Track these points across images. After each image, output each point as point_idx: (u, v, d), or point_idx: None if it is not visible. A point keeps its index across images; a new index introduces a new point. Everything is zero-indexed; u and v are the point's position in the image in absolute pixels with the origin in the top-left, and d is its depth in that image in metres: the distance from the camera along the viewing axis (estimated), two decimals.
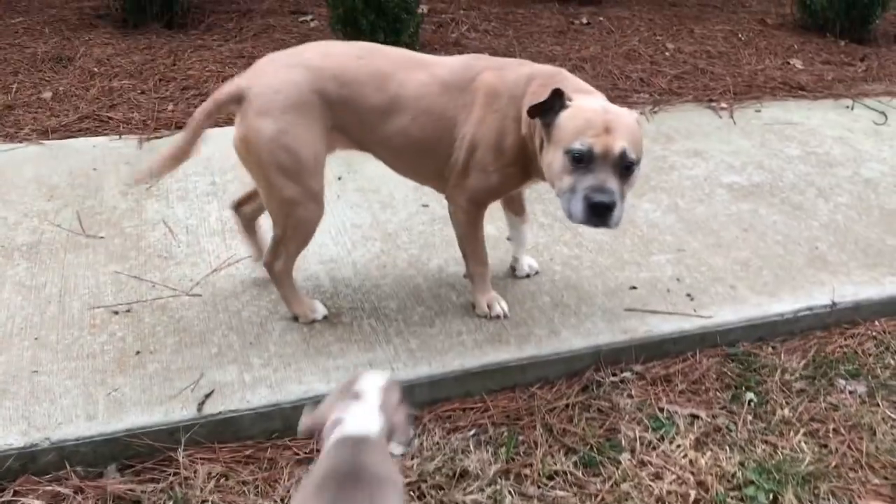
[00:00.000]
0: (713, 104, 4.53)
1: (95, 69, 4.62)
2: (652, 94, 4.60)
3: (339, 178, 3.50)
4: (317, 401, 2.26)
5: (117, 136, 3.84)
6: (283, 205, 2.40)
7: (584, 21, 5.76)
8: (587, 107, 2.24)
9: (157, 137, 3.85)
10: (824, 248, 3.14)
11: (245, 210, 2.75)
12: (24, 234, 3.00)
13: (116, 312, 2.59)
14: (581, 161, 2.16)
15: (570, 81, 2.41)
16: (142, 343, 2.46)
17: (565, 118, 2.21)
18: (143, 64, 4.70)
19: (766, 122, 4.36)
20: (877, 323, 2.84)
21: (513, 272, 2.89)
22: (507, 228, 2.94)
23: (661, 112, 4.42)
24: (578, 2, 6.21)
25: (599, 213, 2.15)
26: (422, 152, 2.47)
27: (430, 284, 2.80)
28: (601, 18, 5.81)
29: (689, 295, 2.81)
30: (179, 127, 3.97)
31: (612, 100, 4.36)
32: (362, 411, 1.65)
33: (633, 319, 2.66)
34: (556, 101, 2.22)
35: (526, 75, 2.41)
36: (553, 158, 2.23)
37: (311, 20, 5.58)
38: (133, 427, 2.16)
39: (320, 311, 2.60)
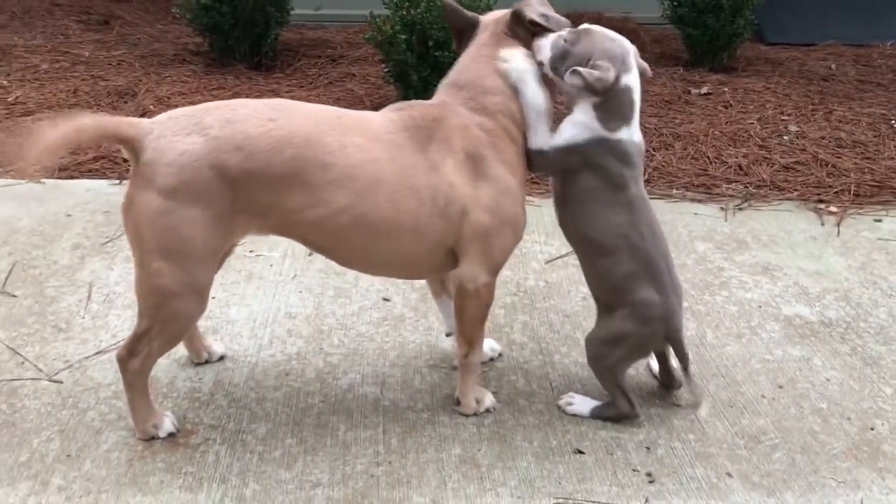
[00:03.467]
0: (821, 206, 3.64)
1: (152, 107, 4.49)
2: (746, 187, 3.78)
3: (309, 255, 3.03)
4: None
5: (118, 181, 3.61)
6: (156, 293, 1.98)
7: (704, 91, 4.96)
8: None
9: None
10: (884, 430, 2.27)
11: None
12: None
13: None
14: None
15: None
16: None
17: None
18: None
19: (882, 236, 3.42)
20: None
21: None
22: (444, 320, 2.50)
23: (747, 210, 3.59)
24: (709, 68, 5.41)
25: None
26: (379, 233, 2.03)
27: (322, 408, 2.27)
28: (725, 89, 4.98)
29: (649, 475, 2.07)
30: None
31: (694, 189, 3.66)
32: None
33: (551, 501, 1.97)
34: None
35: (458, 99, 2.13)
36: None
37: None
38: None
39: (166, 428, 2.14)
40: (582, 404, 2.26)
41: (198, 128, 1.93)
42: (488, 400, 2.28)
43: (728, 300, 2.88)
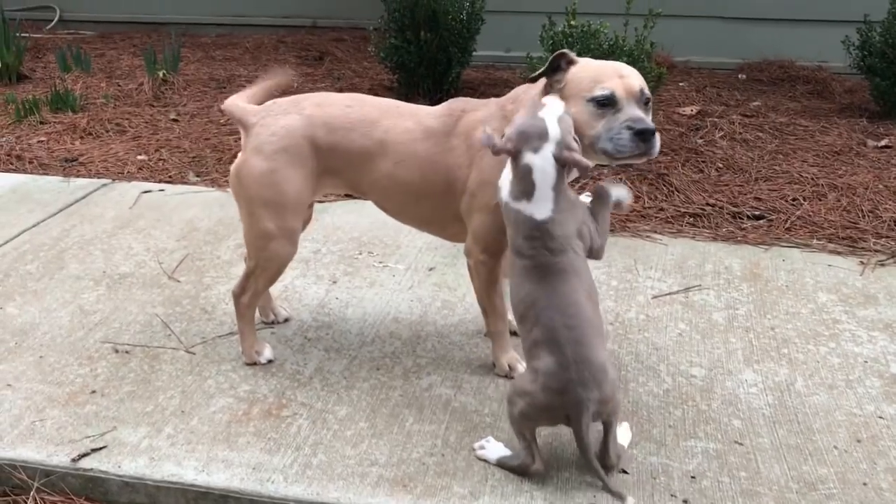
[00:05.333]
0: None
1: None
2: None
3: (431, 269, 3.32)
4: (176, 487, 2.18)
5: None
6: (259, 237, 2.56)
7: (882, 144, 4.73)
8: (594, 61, 2.35)
9: (321, 201, 4.04)
10: None
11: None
12: (128, 266, 3.36)
13: (117, 351, 2.77)
14: (607, 104, 2.23)
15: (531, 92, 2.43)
16: (105, 384, 2.59)
17: (576, 72, 2.29)
18: None
19: None
20: None
21: None
22: None
23: (891, 266, 3.43)
24: None
25: (646, 138, 2.21)
26: (409, 195, 2.55)
27: (398, 401, 2.52)
28: None
29: (685, 501, 2.13)
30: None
31: (838, 241, 3.57)
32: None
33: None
34: (562, 60, 2.30)
35: (498, 102, 2.49)
36: (576, 112, 2.24)
37: None
38: (15, 459, 2.27)
39: (266, 355, 2.70)
40: (492, 450, 2.25)
41: (296, 109, 2.51)
42: (520, 367, 2.58)
43: (833, 352, 2.80)
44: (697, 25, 6.56)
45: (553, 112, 2.18)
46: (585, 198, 2.38)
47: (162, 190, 4.17)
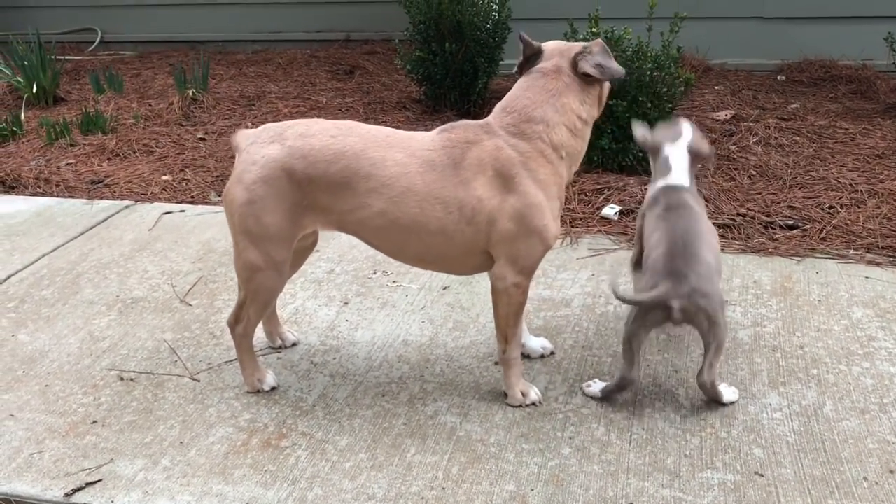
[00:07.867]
0: None
1: None
2: None
3: (445, 289, 3.23)
4: None
5: None
6: (245, 268, 2.48)
7: None
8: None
9: None
10: None
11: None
12: (142, 290, 3.34)
13: (122, 378, 2.73)
14: None
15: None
16: (107, 413, 2.55)
17: None
18: None
19: None
20: None
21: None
22: None
23: None
24: None
25: None
26: (410, 234, 2.38)
27: (401, 430, 2.43)
28: None
29: None
30: None
31: (877, 251, 3.38)
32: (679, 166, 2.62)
33: None
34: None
35: (503, 126, 2.36)
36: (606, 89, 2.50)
37: None
38: (10, 493, 2.24)
39: (268, 382, 2.64)
40: (596, 387, 2.52)
41: (280, 138, 2.38)
42: (533, 394, 2.53)
43: (866, 372, 2.63)
44: (734, 26, 6.36)
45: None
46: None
47: (182, 211, 4.16)
